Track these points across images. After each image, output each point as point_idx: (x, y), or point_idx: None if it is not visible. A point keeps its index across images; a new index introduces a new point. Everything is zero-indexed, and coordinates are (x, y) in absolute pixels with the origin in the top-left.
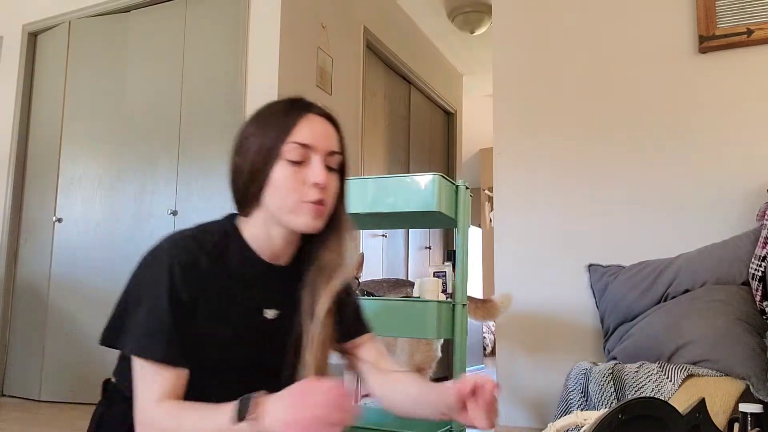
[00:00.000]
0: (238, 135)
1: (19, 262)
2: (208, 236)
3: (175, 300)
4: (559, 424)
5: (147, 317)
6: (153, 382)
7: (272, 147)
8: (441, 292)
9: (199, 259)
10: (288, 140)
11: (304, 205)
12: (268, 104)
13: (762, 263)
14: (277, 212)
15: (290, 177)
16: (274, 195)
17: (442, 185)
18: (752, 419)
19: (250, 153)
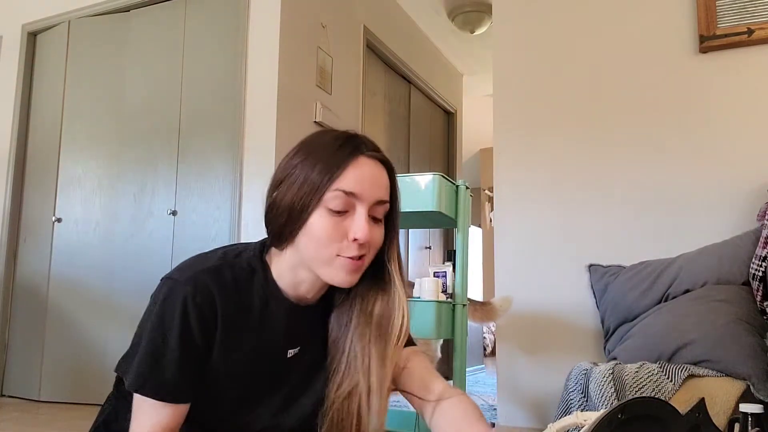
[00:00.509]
0: (282, 166)
1: (19, 262)
2: (232, 271)
3: (185, 341)
4: (559, 425)
5: (150, 354)
6: (145, 417)
7: (315, 191)
8: (441, 292)
9: (217, 300)
10: (332, 186)
11: (340, 260)
12: (318, 135)
13: (762, 263)
14: (309, 261)
15: (329, 228)
16: (309, 242)
17: (442, 185)
18: (753, 419)
19: (290, 191)
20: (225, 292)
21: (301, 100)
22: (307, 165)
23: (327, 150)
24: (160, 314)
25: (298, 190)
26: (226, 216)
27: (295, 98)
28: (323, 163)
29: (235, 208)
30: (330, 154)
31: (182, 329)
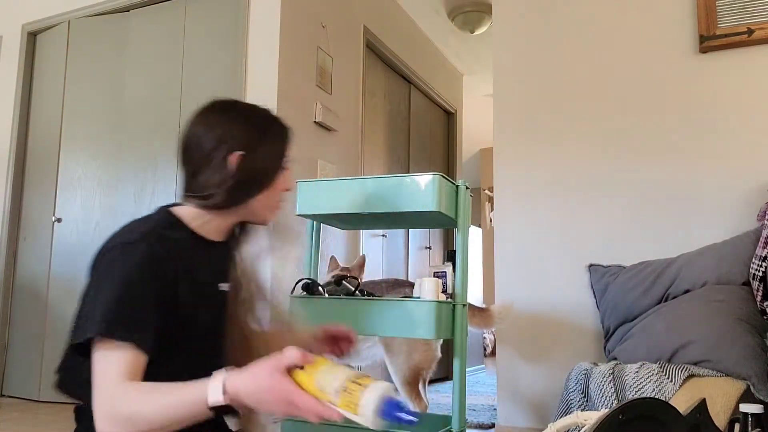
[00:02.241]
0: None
1: (19, 262)
2: (161, 228)
3: (151, 287)
4: (560, 425)
5: (115, 302)
6: (115, 363)
7: (282, 157)
8: (441, 292)
9: (165, 247)
10: (288, 153)
11: (279, 204)
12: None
13: (762, 263)
14: (258, 208)
15: (284, 181)
16: (269, 194)
17: (442, 185)
18: (753, 419)
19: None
20: (168, 244)
21: (301, 100)
22: (273, 134)
23: (275, 122)
24: (120, 270)
25: (273, 157)
26: None
27: (295, 98)
28: (281, 134)
29: None
30: (279, 126)
31: (147, 278)
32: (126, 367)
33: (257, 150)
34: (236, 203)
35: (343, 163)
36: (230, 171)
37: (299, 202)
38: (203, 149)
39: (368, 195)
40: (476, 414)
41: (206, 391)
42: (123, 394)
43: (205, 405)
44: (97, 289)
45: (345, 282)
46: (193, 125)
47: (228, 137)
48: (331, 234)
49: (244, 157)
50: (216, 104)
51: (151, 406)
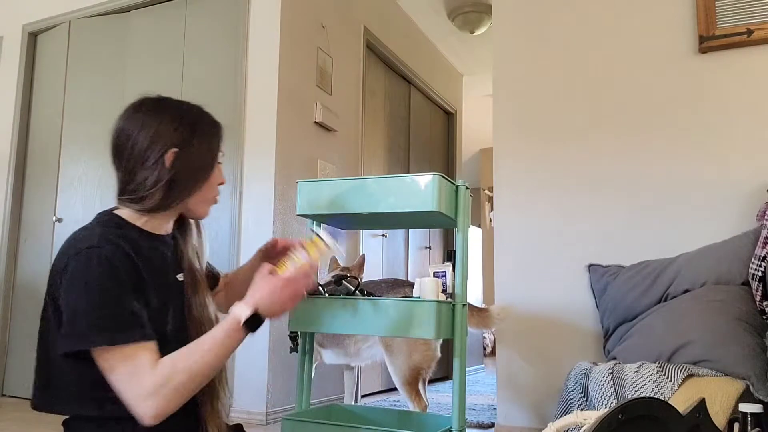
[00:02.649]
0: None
1: (19, 262)
2: (112, 231)
3: (123, 286)
4: (559, 424)
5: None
6: (139, 360)
7: (216, 151)
8: (441, 292)
9: (124, 247)
10: (221, 148)
11: (214, 199)
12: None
13: (762, 263)
14: (195, 204)
15: (218, 176)
16: (207, 189)
17: (442, 185)
18: (752, 419)
19: (200, 153)
20: (123, 242)
21: (301, 100)
22: (202, 131)
23: (206, 118)
24: (92, 277)
25: (207, 153)
26: (226, 216)
27: (295, 98)
28: (212, 129)
29: (235, 208)
30: (211, 122)
31: (118, 278)
32: (146, 358)
33: (191, 147)
34: (173, 202)
35: (343, 163)
36: (166, 170)
37: (299, 202)
38: (137, 149)
39: (368, 195)
40: (476, 414)
41: (237, 316)
42: (161, 376)
43: (239, 325)
44: (78, 295)
45: (345, 282)
46: (124, 124)
47: (161, 136)
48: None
49: (179, 155)
50: (146, 102)
51: (198, 360)
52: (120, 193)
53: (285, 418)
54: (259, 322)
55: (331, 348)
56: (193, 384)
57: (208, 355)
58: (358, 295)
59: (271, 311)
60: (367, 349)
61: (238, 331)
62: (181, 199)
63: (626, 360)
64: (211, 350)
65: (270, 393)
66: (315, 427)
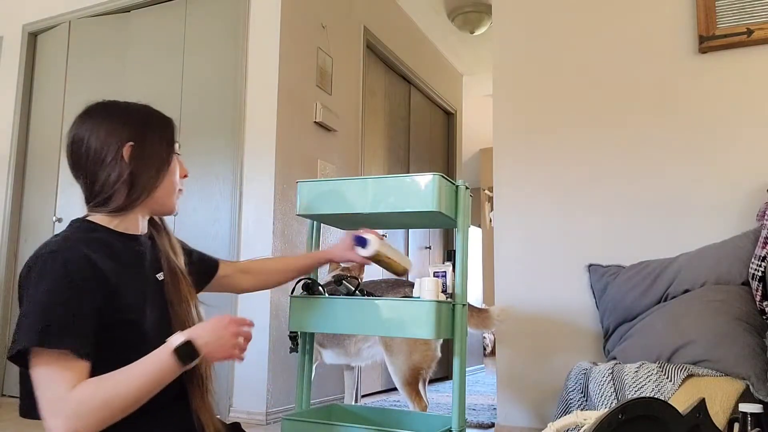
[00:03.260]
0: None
1: (19, 262)
2: (80, 234)
3: (76, 291)
4: (559, 424)
5: (44, 311)
6: (59, 371)
7: (170, 144)
8: (441, 292)
9: (87, 250)
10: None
11: (179, 191)
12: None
13: (762, 263)
14: (162, 197)
15: (177, 168)
16: (168, 182)
17: (442, 185)
18: (752, 419)
19: (153, 148)
20: (88, 246)
21: (301, 100)
22: (155, 128)
23: (154, 113)
24: (45, 281)
25: (162, 142)
26: (226, 216)
27: (295, 98)
28: (164, 122)
29: (235, 209)
30: (160, 116)
31: (71, 283)
32: (71, 374)
33: (145, 138)
34: (139, 197)
35: (343, 163)
36: (126, 164)
37: (299, 202)
38: (92, 151)
39: (368, 195)
40: (476, 414)
41: (170, 343)
42: (81, 395)
43: (170, 352)
44: (28, 301)
45: (345, 282)
46: (75, 132)
47: (113, 133)
48: (331, 234)
49: (135, 148)
50: (91, 108)
51: (120, 386)
52: (87, 201)
53: (285, 418)
54: (193, 352)
55: (331, 348)
56: (111, 412)
57: (134, 384)
58: (358, 295)
59: (207, 346)
60: (368, 349)
61: (169, 360)
62: (147, 192)
63: (626, 360)
64: (138, 379)
65: (270, 393)
66: (315, 427)
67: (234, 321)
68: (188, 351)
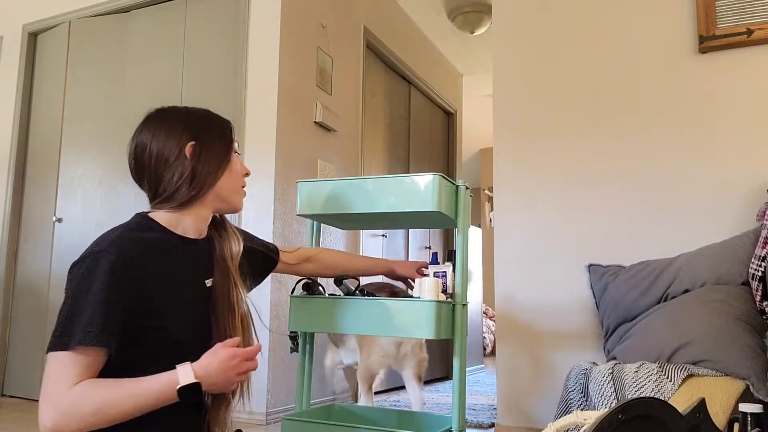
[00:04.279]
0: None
1: (19, 262)
2: (133, 233)
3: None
4: (559, 424)
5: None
6: (64, 370)
7: (230, 143)
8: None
9: (139, 250)
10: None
11: (242, 189)
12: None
13: (762, 263)
14: (224, 193)
15: (239, 165)
16: (228, 178)
17: (442, 185)
18: (752, 419)
19: (213, 146)
20: (141, 245)
21: (301, 100)
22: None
23: (212, 114)
24: (90, 281)
25: (221, 138)
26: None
27: (295, 98)
28: (222, 121)
29: None
30: (217, 116)
31: (111, 284)
32: (79, 369)
33: (205, 137)
34: (200, 191)
35: (343, 163)
36: (188, 161)
37: (299, 202)
38: (155, 154)
39: (368, 195)
40: (476, 414)
41: (175, 379)
42: (79, 396)
43: (175, 387)
44: (70, 302)
45: (345, 282)
46: (137, 141)
47: (173, 134)
48: (331, 234)
49: (196, 146)
50: (150, 114)
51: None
52: (152, 200)
53: (285, 418)
54: (197, 393)
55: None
56: (100, 420)
57: (129, 400)
58: (358, 295)
59: (213, 386)
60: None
61: (171, 393)
62: (208, 186)
63: (626, 360)
64: (137, 397)
65: (270, 393)
66: (315, 427)
67: (243, 359)
68: (193, 391)
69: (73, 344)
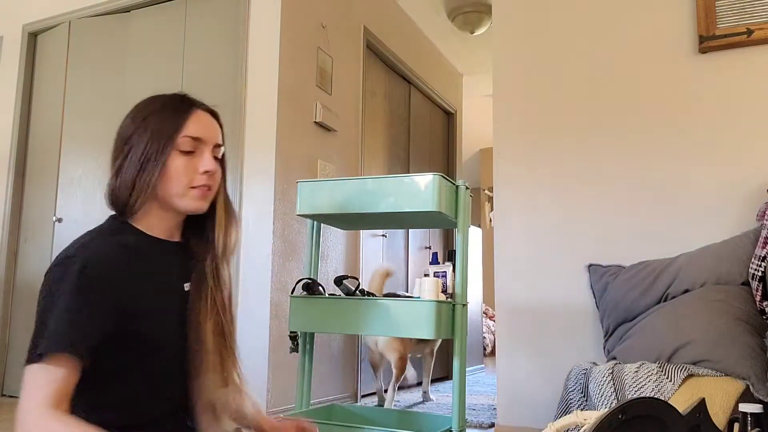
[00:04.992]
0: (123, 131)
1: (19, 262)
2: (104, 237)
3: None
4: (559, 424)
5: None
6: (36, 383)
7: (167, 140)
8: (441, 292)
9: (110, 254)
10: (181, 134)
11: (192, 191)
12: (151, 100)
13: (762, 263)
14: (168, 198)
15: (182, 165)
16: (167, 181)
17: (442, 185)
18: (752, 419)
19: (141, 144)
20: (113, 249)
21: (301, 100)
22: (152, 122)
23: (168, 108)
24: (54, 287)
25: (151, 141)
26: None
27: (295, 98)
28: (170, 118)
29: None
30: (173, 110)
31: (80, 290)
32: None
33: (141, 135)
34: (137, 198)
35: (343, 163)
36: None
37: (299, 202)
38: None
39: (368, 195)
40: (476, 414)
41: None
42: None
43: None
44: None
45: (345, 282)
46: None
47: (121, 132)
48: (331, 234)
49: (125, 147)
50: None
51: None
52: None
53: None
54: None
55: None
56: None
57: None
58: (358, 295)
59: None
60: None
61: None
62: (142, 193)
63: (626, 360)
64: None
65: (270, 393)
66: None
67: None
68: None
69: (42, 354)
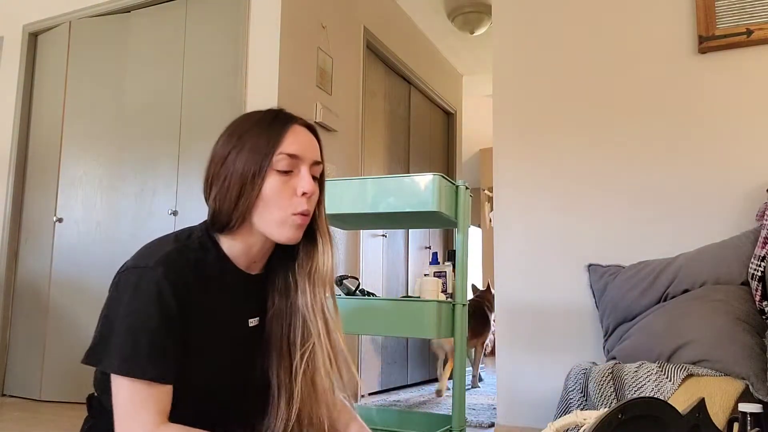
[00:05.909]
0: (218, 149)
1: (20, 262)
2: (189, 251)
3: (164, 319)
4: (559, 424)
5: (130, 335)
6: (147, 404)
7: (263, 158)
8: (441, 292)
9: (186, 276)
10: (277, 151)
11: (291, 218)
12: (246, 117)
13: (761, 263)
14: (264, 225)
15: (281, 186)
16: (265, 206)
17: (442, 185)
18: (752, 419)
19: (239, 163)
20: (190, 270)
21: (301, 101)
22: (248, 139)
23: (263, 124)
24: (135, 299)
25: (247, 161)
26: None
27: (295, 98)
28: (265, 134)
29: None
30: (267, 126)
31: (161, 308)
32: (157, 405)
33: (235, 155)
34: (229, 220)
35: (343, 163)
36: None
37: None
38: (205, 176)
39: (368, 195)
40: (476, 413)
41: None
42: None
43: None
44: (113, 314)
45: (345, 282)
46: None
47: (214, 153)
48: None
49: (222, 169)
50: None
51: None
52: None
53: None
54: None
55: None
56: None
57: None
58: (358, 295)
59: None
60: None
61: None
62: (229, 219)
63: (626, 360)
64: None
65: None
66: None
67: None
68: None
69: (147, 376)
